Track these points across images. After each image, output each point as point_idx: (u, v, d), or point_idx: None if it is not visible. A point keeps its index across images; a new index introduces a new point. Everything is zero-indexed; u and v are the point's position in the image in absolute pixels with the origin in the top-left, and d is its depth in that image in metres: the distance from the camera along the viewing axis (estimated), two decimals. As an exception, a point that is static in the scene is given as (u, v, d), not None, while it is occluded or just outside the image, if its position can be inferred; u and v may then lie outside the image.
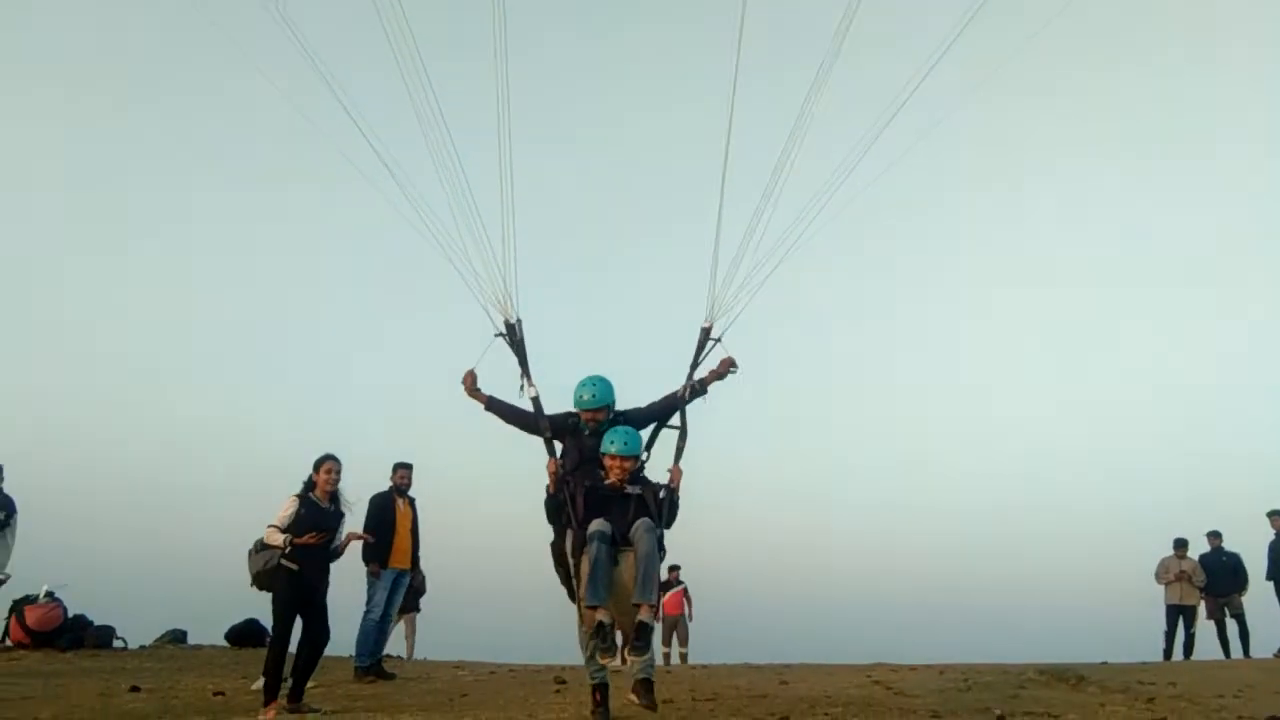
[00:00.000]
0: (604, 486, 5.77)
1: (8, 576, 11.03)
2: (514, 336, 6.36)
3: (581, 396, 6.06)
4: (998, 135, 26.60)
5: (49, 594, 12.01)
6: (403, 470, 10.37)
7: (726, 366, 6.30)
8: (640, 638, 5.24)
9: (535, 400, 6.23)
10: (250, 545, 7.70)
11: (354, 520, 8.28)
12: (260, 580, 7.58)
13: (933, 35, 5.92)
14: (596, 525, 5.44)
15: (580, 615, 5.62)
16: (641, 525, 5.47)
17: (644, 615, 5.31)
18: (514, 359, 6.36)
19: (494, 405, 6.31)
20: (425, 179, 6.26)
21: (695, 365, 6.35)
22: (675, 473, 5.96)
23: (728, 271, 6.23)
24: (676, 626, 16.37)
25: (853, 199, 6.06)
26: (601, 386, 6.10)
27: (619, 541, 5.48)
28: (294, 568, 7.35)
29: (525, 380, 6.29)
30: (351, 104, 5.96)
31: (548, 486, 5.87)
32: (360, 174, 6.05)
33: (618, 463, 5.75)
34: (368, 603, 9.79)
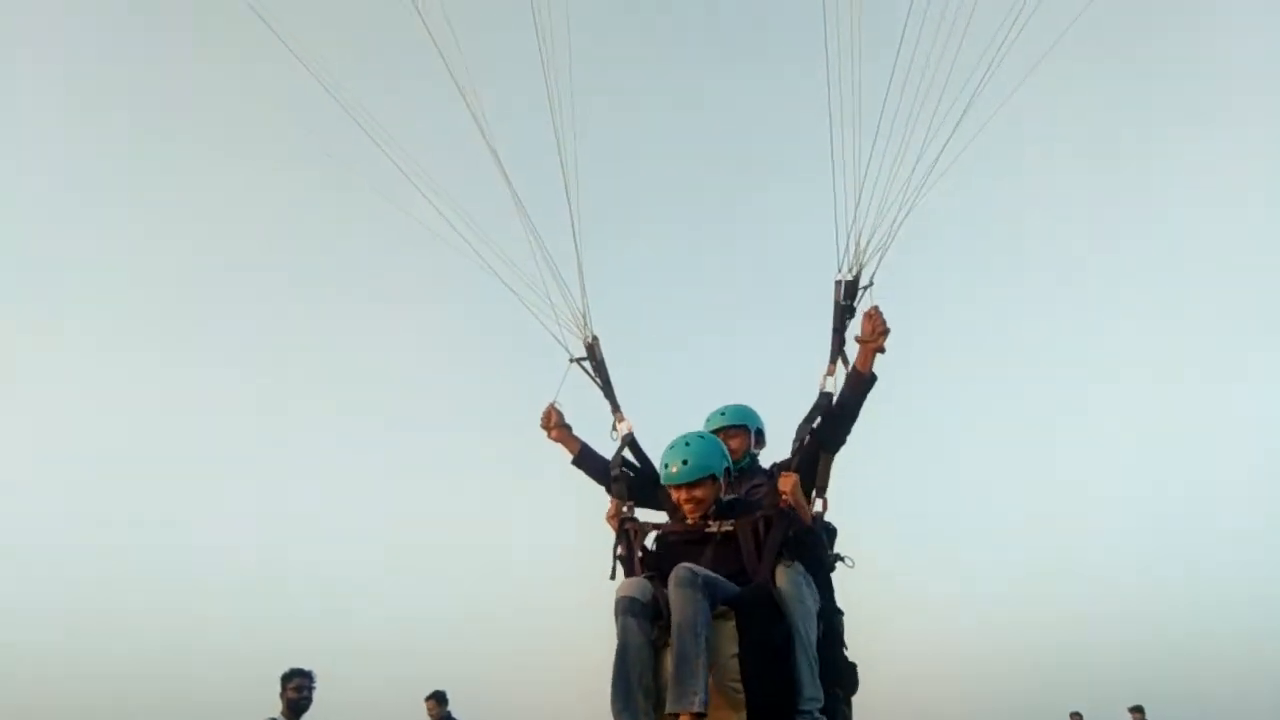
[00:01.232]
0: (677, 531, 4.04)
1: None
2: (594, 358, 4.96)
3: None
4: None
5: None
6: None
7: (876, 328, 4.21)
8: None
9: (627, 439, 4.74)
10: None
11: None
12: None
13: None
14: (624, 590, 3.67)
15: None
16: (673, 577, 3.53)
17: None
18: (595, 390, 5.00)
19: (586, 457, 4.82)
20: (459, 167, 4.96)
21: (841, 334, 4.40)
22: (785, 481, 3.94)
23: (871, 188, 4.42)
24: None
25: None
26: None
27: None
28: None
29: (615, 415, 4.80)
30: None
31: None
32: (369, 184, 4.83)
33: (683, 494, 3.95)
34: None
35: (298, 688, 7.29)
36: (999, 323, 26.60)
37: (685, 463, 3.91)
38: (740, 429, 4.68)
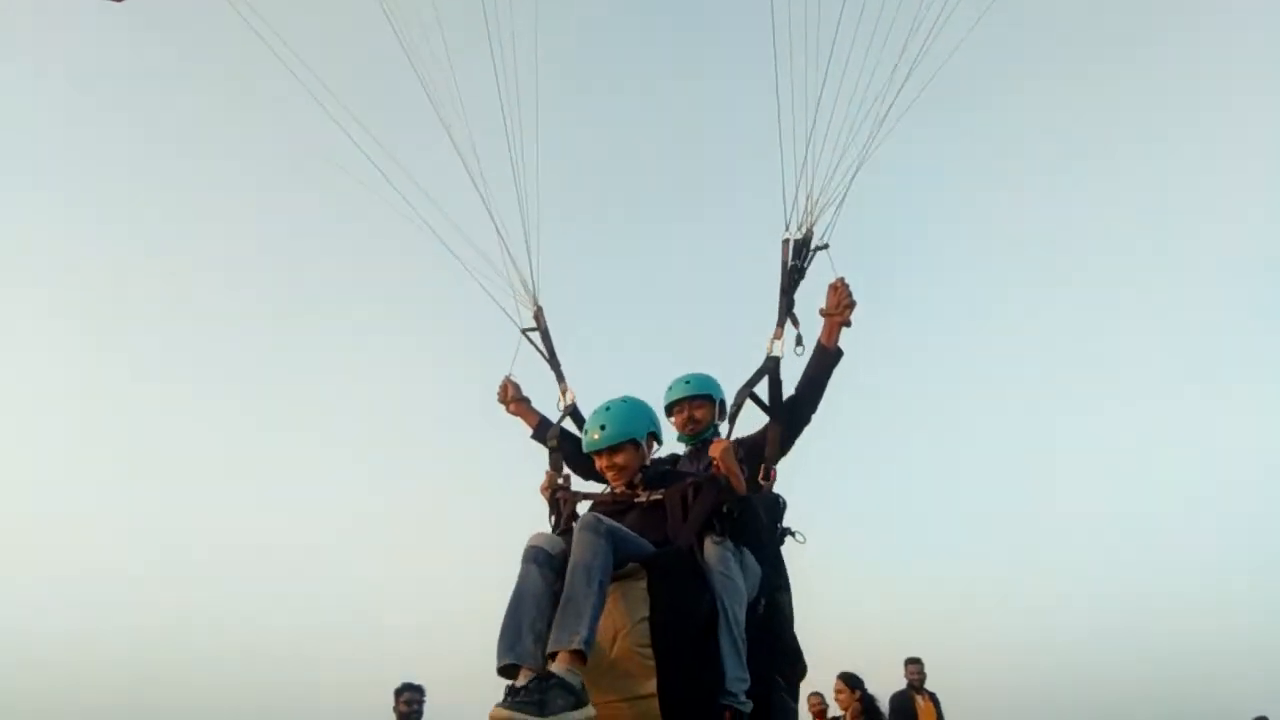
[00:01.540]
0: (606, 501, 3.81)
1: None
2: (539, 328, 4.82)
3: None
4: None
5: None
6: (913, 665, 10.07)
7: (841, 300, 4.17)
8: (532, 691, 2.81)
9: (569, 410, 4.64)
10: None
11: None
12: None
13: None
14: (533, 540, 3.39)
15: None
16: (578, 523, 3.31)
17: (555, 664, 2.95)
18: (540, 361, 4.90)
19: (544, 429, 4.66)
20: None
21: (789, 295, 4.20)
22: (715, 447, 3.66)
23: (823, 133, 4.16)
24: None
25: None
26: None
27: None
28: None
29: (560, 385, 4.64)
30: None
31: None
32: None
33: (604, 460, 3.79)
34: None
35: (408, 701, 7.51)
36: (978, 291, 25.25)
37: (603, 428, 3.74)
38: (705, 399, 4.41)
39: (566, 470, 4.20)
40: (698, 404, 4.38)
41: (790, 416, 4.12)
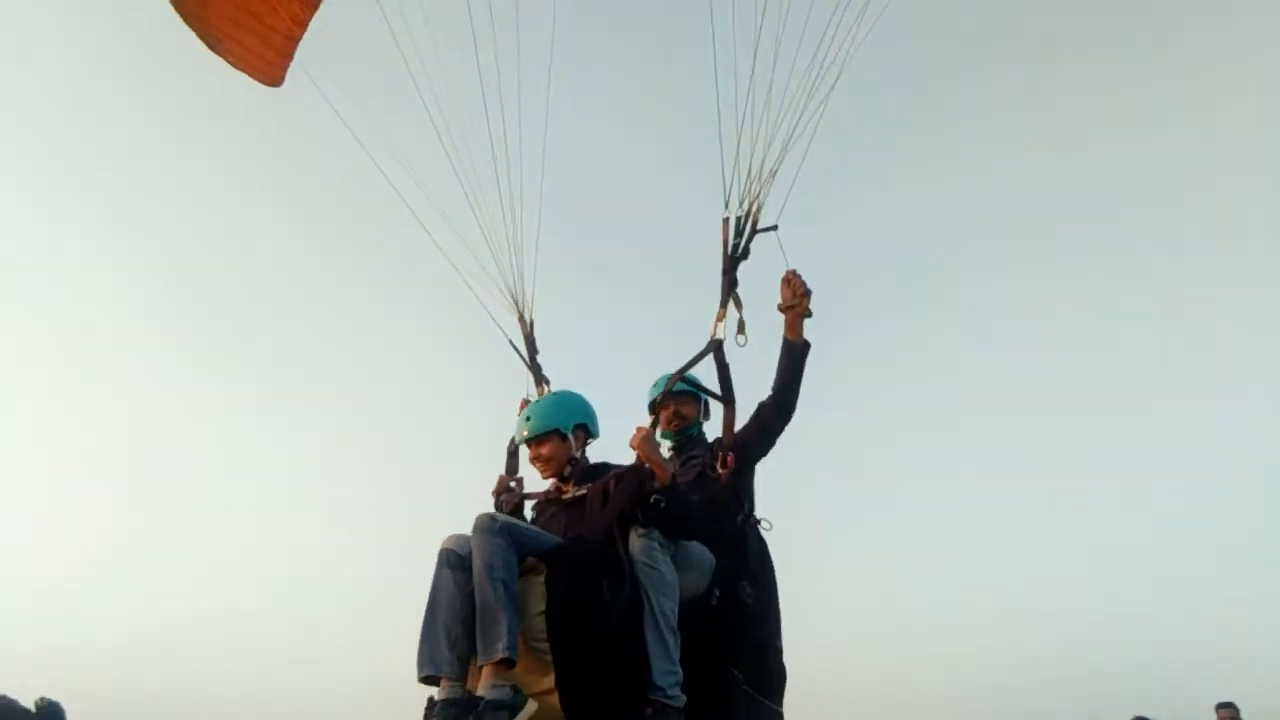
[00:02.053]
0: (542, 500, 3.87)
1: None
2: (525, 334, 4.91)
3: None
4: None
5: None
6: (1225, 710, 9.56)
7: (797, 291, 4.00)
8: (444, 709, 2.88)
9: None
10: None
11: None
12: None
13: None
14: (445, 542, 3.34)
15: None
16: (473, 524, 3.22)
17: (480, 684, 2.96)
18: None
19: None
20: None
21: (731, 275, 4.06)
22: (634, 437, 3.54)
23: (765, 95, 3.93)
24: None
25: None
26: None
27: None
28: None
29: (540, 389, 4.68)
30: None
31: None
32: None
33: (531, 453, 3.81)
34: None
35: None
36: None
37: (529, 419, 3.80)
38: (692, 396, 4.34)
39: (520, 474, 4.23)
40: (685, 401, 4.31)
41: (769, 418, 4.00)
